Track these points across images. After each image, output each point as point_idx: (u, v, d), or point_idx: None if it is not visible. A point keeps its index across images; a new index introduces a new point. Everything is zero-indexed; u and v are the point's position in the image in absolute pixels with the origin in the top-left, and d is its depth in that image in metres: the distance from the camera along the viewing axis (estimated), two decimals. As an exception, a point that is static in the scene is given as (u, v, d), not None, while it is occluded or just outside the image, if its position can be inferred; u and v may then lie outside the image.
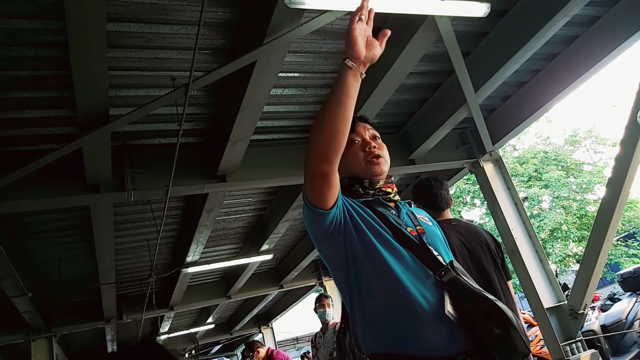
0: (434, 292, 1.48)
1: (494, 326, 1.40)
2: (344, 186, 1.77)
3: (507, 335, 1.39)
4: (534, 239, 5.65)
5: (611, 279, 17.19)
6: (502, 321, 1.40)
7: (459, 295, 1.47)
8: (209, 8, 3.27)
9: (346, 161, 1.76)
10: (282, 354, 7.22)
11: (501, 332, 1.39)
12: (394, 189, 1.78)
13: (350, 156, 1.76)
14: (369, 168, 1.73)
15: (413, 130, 5.70)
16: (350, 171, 1.77)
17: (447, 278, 1.49)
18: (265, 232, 7.29)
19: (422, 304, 1.45)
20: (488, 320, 1.41)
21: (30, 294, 6.28)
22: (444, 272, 1.50)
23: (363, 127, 1.82)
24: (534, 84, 5.40)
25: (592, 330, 6.88)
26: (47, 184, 4.27)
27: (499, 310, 1.42)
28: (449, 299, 1.46)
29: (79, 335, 10.42)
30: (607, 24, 4.54)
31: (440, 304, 1.45)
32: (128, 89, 3.93)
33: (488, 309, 1.43)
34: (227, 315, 14.51)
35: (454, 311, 1.45)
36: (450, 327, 1.43)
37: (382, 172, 1.73)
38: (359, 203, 1.66)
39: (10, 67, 3.39)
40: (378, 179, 1.74)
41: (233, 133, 4.26)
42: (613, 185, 4.64)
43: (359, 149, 1.76)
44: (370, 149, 1.74)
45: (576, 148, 18.34)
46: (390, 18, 3.89)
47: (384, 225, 1.60)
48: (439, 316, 1.44)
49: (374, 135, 1.81)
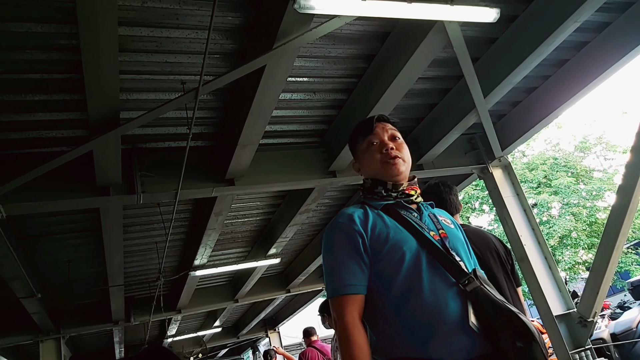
0: (458, 301, 1.47)
1: (516, 339, 1.40)
2: (367, 187, 1.78)
3: (529, 349, 1.39)
4: (543, 245, 5.60)
5: (621, 287, 17.03)
6: (525, 334, 1.40)
7: (482, 306, 1.46)
8: (219, 13, 3.29)
9: (365, 163, 1.79)
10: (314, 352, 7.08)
11: (523, 345, 1.39)
12: (417, 191, 1.76)
13: (368, 158, 1.77)
14: (385, 169, 1.72)
15: (422, 136, 5.69)
16: (371, 174, 1.77)
17: (470, 288, 1.49)
18: (273, 236, 7.29)
19: (445, 313, 1.45)
20: (511, 333, 1.41)
21: (39, 295, 6.33)
22: (468, 281, 1.49)
23: (382, 127, 1.80)
24: (544, 89, 5.37)
25: (601, 339, 6.83)
26: (57, 186, 4.31)
27: (522, 324, 1.42)
28: (472, 310, 1.46)
29: (87, 336, 10.47)
30: (617, 30, 4.52)
31: (464, 314, 1.45)
32: (138, 93, 3.96)
33: (511, 322, 1.43)
34: (234, 318, 14.51)
35: (477, 322, 1.45)
36: (472, 337, 1.43)
37: (399, 172, 1.72)
38: (377, 214, 1.66)
39: (22, 71, 3.43)
40: (399, 180, 1.72)
41: (242, 137, 4.27)
42: (623, 192, 4.60)
43: (376, 151, 1.75)
44: (387, 151, 1.72)
45: (586, 154, 18.24)
46: (399, 23, 3.90)
47: (406, 231, 1.60)
48: (462, 326, 1.44)
49: (393, 136, 1.79)
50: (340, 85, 4.62)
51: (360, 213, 1.66)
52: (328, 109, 4.94)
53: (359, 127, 1.86)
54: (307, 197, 5.87)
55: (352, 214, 1.65)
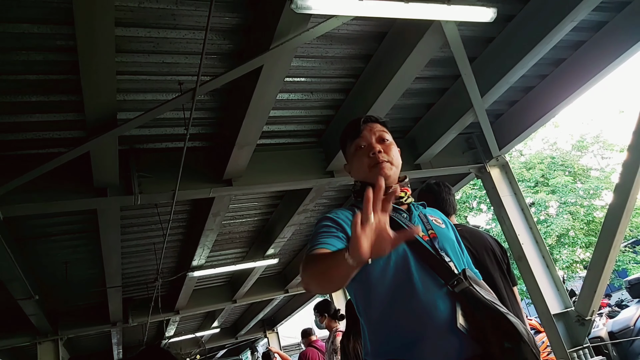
0: (446, 302, 1.46)
1: (504, 340, 1.39)
2: (357, 190, 1.77)
3: (518, 349, 1.37)
4: (540, 244, 5.62)
5: (619, 286, 17.06)
6: (513, 335, 1.38)
7: (470, 307, 1.45)
8: (216, 13, 3.29)
9: (354, 167, 1.78)
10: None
11: (512, 346, 1.37)
12: (407, 192, 1.74)
13: (356, 162, 1.75)
14: (373, 174, 1.68)
15: (419, 135, 5.69)
16: (360, 177, 1.76)
17: (459, 289, 1.47)
18: (271, 236, 7.29)
19: (434, 315, 1.44)
20: (498, 333, 1.40)
21: (37, 297, 6.31)
22: (457, 282, 1.48)
23: (369, 129, 1.76)
24: (541, 89, 5.39)
25: (599, 337, 6.84)
26: (54, 187, 4.30)
27: (509, 324, 1.40)
28: (461, 311, 1.45)
29: (85, 338, 10.44)
30: (614, 29, 4.53)
31: (453, 316, 1.44)
32: (136, 93, 3.96)
33: (499, 322, 1.41)
34: (232, 319, 14.51)
35: (466, 323, 1.43)
36: (461, 339, 1.42)
37: (386, 176, 1.67)
38: None
39: (19, 72, 3.42)
40: (387, 184, 1.68)
41: (239, 137, 4.27)
42: (620, 191, 4.61)
43: (364, 155, 1.72)
44: (374, 154, 1.70)
45: (583, 153, 18.27)
46: (396, 23, 3.90)
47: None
48: (451, 328, 1.42)
49: (381, 137, 1.75)
50: (337, 85, 4.63)
51: (348, 214, 1.64)
52: (325, 109, 4.94)
53: (346, 130, 1.82)
54: (305, 197, 5.87)
55: (340, 213, 1.64)
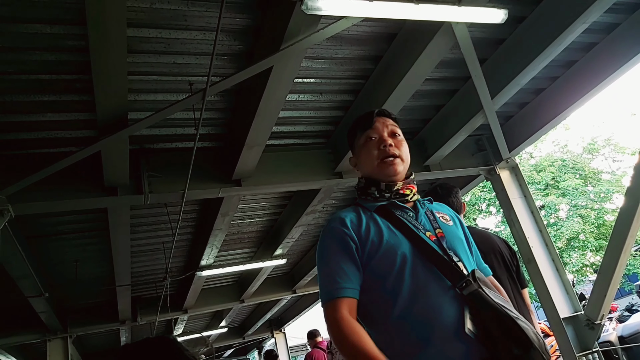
0: (454, 306, 1.42)
1: (513, 346, 1.33)
2: (361, 187, 1.73)
3: (527, 356, 1.32)
4: (550, 247, 5.58)
5: (629, 290, 16.92)
6: (522, 341, 1.33)
7: (479, 311, 1.40)
8: (226, 14, 3.30)
9: (362, 159, 1.73)
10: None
11: (521, 353, 1.32)
12: (412, 190, 1.69)
13: (365, 154, 1.70)
14: (381, 169, 1.65)
15: (429, 137, 5.68)
16: (367, 171, 1.72)
17: (467, 291, 1.42)
18: (279, 236, 7.30)
19: (440, 319, 1.40)
20: (507, 339, 1.34)
21: (47, 295, 6.37)
22: (465, 284, 1.43)
23: (382, 122, 1.72)
24: (552, 91, 5.35)
25: (609, 342, 6.78)
26: (65, 186, 4.34)
27: (519, 330, 1.34)
28: (469, 315, 1.40)
29: (94, 336, 10.51)
30: (626, 31, 4.49)
31: (460, 320, 1.39)
32: (146, 94, 3.98)
33: (508, 327, 1.35)
34: (240, 319, 14.53)
35: (474, 327, 1.38)
36: (468, 344, 1.37)
37: (396, 172, 1.65)
38: (370, 217, 1.61)
39: (32, 72, 3.45)
40: (394, 180, 1.66)
41: (249, 138, 4.29)
42: (632, 194, 4.57)
43: (374, 147, 1.68)
44: (385, 147, 1.66)
45: (594, 156, 18.13)
46: (406, 24, 3.90)
47: (400, 234, 1.54)
48: (458, 333, 1.38)
49: (393, 132, 1.72)
50: (347, 87, 4.63)
51: (353, 217, 1.61)
52: (335, 110, 4.94)
53: (358, 121, 1.78)
54: (313, 198, 5.87)
55: (345, 218, 1.61)
